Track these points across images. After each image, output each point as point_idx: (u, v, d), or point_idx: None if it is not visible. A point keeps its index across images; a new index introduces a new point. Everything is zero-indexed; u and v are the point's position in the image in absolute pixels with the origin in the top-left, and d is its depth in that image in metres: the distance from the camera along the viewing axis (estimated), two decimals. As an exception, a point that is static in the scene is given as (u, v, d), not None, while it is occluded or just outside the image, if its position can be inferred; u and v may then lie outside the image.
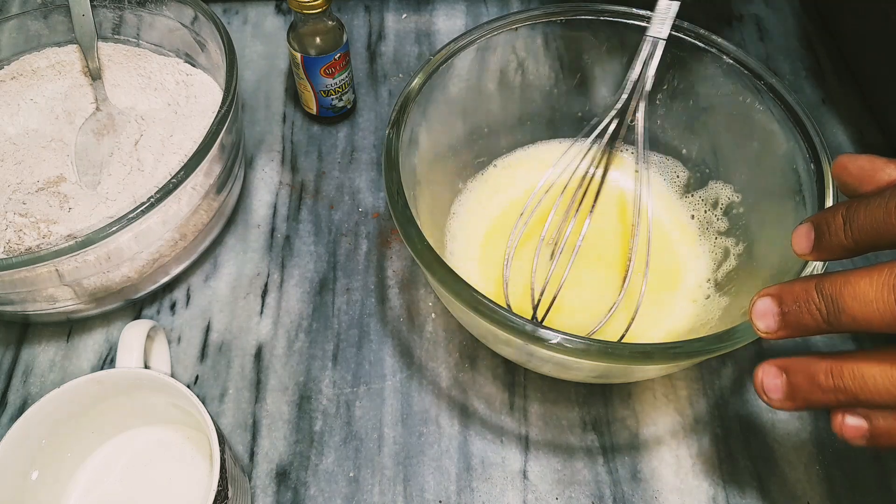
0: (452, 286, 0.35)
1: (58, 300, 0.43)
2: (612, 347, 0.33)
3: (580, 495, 0.41)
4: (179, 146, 0.48)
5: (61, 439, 0.38)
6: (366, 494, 0.41)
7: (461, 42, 0.45)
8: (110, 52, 0.53)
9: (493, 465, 0.42)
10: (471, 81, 0.47)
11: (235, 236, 0.51)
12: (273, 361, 0.46)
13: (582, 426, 0.44)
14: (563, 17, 0.46)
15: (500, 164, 0.51)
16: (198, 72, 0.53)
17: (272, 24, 0.63)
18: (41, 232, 0.44)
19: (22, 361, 0.46)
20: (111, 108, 0.51)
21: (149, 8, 0.52)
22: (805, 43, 0.63)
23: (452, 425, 0.44)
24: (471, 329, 0.42)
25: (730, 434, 0.43)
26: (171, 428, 0.42)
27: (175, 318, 0.48)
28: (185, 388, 0.36)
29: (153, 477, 0.40)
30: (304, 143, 0.56)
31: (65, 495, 0.39)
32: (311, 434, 0.43)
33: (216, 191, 0.46)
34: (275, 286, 0.49)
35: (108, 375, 0.38)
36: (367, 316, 0.48)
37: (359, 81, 0.59)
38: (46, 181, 0.47)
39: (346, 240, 0.51)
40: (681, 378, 0.45)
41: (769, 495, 0.41)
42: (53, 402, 0.36)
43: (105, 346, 0.47)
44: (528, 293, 0.46)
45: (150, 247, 0.43)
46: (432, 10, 0.64)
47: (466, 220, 0.49)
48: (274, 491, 0.42)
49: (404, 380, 0.45)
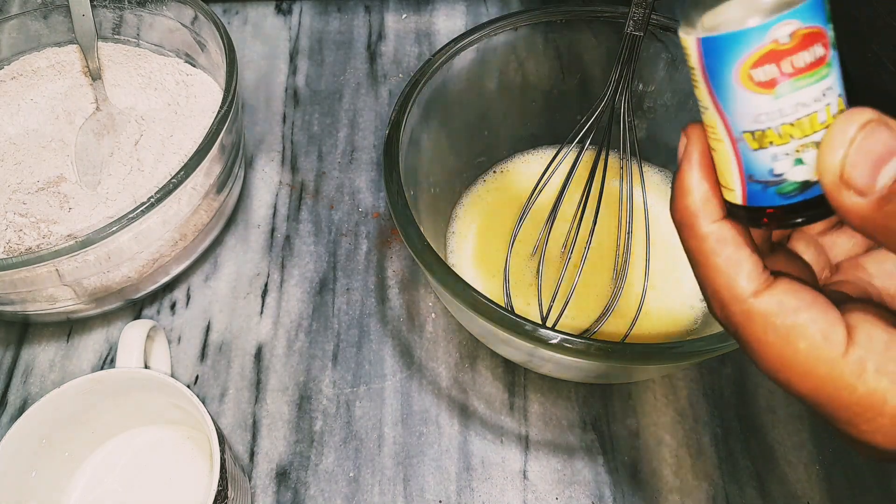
0: (452, 286, 0.35)
1: (58, 300, 0.43)
2: (612, 347, 0.33)
3: (580, 495, 0.41)
4: (179, 146, 0.48)
5: (61, 439, 0.38)
6: (366, 494, 0.41)
7: (461, 42, 0.45)
8: (110, 52, 0.53)
9: (493, 465, 0.42)
10: (471, 81, 0.47)
11: (235, 236, 0.51)
12: (273, 361, 0.46)
13: (582, 426, 0.44)
14: (563, 17, 0.47)
15: (501, 164, 0.51)
16: (198, 72, 0.53)
17: (272, 24, 0.63)
18: (41, 232, 0.44)
19: (22, 361, 0.46)
20: (111, 108, 0.51)
21: (149, 8, 0.52)
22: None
23: (452, 425, 0.44)
24: (471, 329, 0.42)
25: (730, 434, 0.43)
26: (171, 428, 0.42)
27: (175, 318, 0.48)
28: (185, 388, 0.36)
29: (153, 477, 0.40)
30: (304, 143, 0.56)
31: (65, 495, 0.39)
32: (311, 434, 0.43)
33: (216, 191, 0.46)
34: (275, 286, 0.49)
35: (108, 375, 0.38)
36: (367, 316, 0.48)
37: (359, 81, 0.59)
38: (46, 181, 0.47)
39: (346, 240, 0.51)
40: (681, 378, 0.45)
41: (769, 495, 0.41)
42: (53, 402, 0.36)
43: (105, 346, 0.47)
44: (528, 293, 0.46)
45: (150, 247, 0.43)
46: (432, 10, 0.64)
47: (466, 220, 0.49)
48: (274, 491, 0.42)
49: (404, 380, 0.45)
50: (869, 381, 0.20)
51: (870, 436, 0.20)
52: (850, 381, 0.20)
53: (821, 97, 0.19)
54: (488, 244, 0.48)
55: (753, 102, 0.19)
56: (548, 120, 0.51)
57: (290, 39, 0.62)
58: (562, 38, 0.48)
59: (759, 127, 0.19)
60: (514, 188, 0.50)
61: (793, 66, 0.18)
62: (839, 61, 0.19)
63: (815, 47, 0.18)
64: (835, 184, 0.18)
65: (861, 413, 0.20)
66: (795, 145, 0.19)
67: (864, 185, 0.18)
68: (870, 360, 0.20)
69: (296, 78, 0.60)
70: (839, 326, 0.20)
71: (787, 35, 0.18)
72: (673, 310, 0.45)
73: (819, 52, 0.18)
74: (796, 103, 0.19)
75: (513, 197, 0.50)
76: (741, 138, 0.20)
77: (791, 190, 0.20)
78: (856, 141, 0.18)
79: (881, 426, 0.20)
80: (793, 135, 0.19)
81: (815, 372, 0.20)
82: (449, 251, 0.47)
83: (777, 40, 0.18)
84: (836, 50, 0.19)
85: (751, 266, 0.21)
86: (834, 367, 0.20)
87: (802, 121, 0.19)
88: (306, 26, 0.63)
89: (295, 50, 0.61)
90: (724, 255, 0.21)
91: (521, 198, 0.49)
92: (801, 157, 0.19)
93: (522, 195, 0.50)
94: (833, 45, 0.19)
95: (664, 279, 0.46)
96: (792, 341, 0.20)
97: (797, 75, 0.18)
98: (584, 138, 0.46)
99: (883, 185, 0.18)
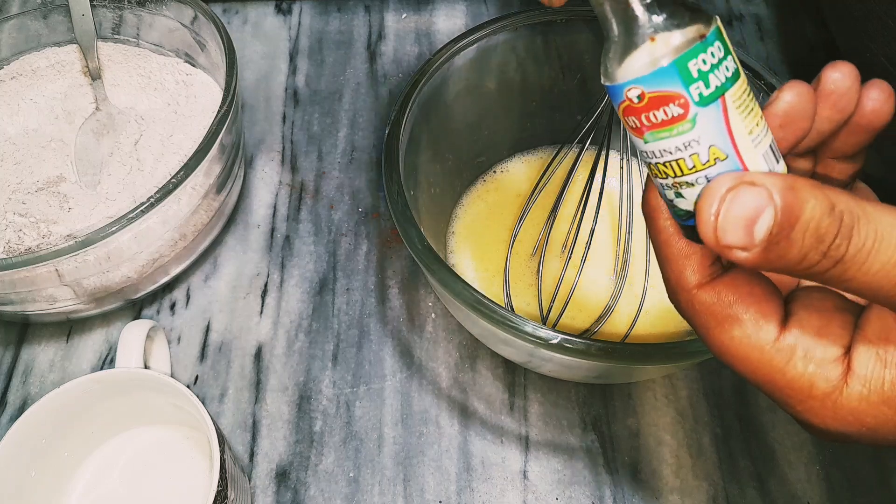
0: (452, 286, 0.35)
1: (58, 300, 0.43)
2: (613, 347, 0.33)
3: (580, 495, 0.41)
4: (179, 146, 0.48)
5: (61, 439, 0.38)
6: (366, 494, 0.41)
7: (461, 42, 0.45)
8: (110, 51, 0.53)
9: (493, 466, 0.42)
10: (471, 81, 0.47)
11: (235, 236, 0.51)
12: (273, 361, 0.46)
13: (582, 426, 0.44)
14: (563, 17, 0.46)
15: (501, 164, 0.51)
16: (198, 72, 0.53)
17: (272, 24, 0.63)
18: (41, 232, 0.44)
19: (22, 361, 0.46)
20: (111, 107, 0.51)
21: (149, 8, 0.52)
22: (805, 43, 0.63)
23: (452, 425, 0.44)
24: (471, 329, 0.42)
25: (730, 434, 0.43)
26: (171, 428, 0.42)
27: (175, 318, 0.48)
28: (185, 388, 0.36)
29: (153, 477, 0.40)
30: (304, 143, 0.56)
31: (65, 495, 0.39)
32: (311, 434, 0.43)
33: (216, 191, 0.46)
34: (275, 286, 0.49)
35: (107, 375, 0.37)
36: (367, 316, 0.48)
37: (359, 81, 0.59)
38: (46, 181, 0.47)
39: (346, 240, 0.51)
40: (681, 378, 0.45)
41: (769, 495, 0.41)
42: (53, 402, 0.36)
43: (105, 346, 0.47)
44: (528, 293, 0.46)
45: (150, 247, 0.43)
46: (432, 10, 0.64)
47: (466, 220, 0.49)
48: (274, 491, 0.42)
49: (404, 380, 0.45)
50: (797, 365, 0.21)
51: (805, 415, 0.22)
52: (779, 366, 0.21)
53: (684, 148, 0.21)
54: (488, 244, 0.48)
55: (636, 141, 0.22)
56: (548, 120, 0.51)
57: (290, 39, 0.62)
58: (562, 38, 0.48)
59: (646, 160, 0.22)
60: (514, 188, 0.50)
61: (648, 120, 0.21)
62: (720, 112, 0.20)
63: (667, 108, 0.20)
64: (717, 247, 0.19)
65: (793, 395, 0.22)
66: (671, 181, 0.21)
67: (744, 244, 0.19)
68: (799, 345, 0.21)
69: (296, 78, 0.60)
70: (773, 315, 0.22)
71: (636, 97, 0.21)
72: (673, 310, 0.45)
73: (674, 111, 0.20)
74: (661, 150, 0.21)
75: (513, 197, 0.50)
76: (642, 162, 0.23)
77: (682, 214, 0.22)
78: (722, 211, 0.19)
79: (811, 407, 0.21)
80: (667, 173, 0.21)
81: (749, 357, 0.22)
82: (449, 251, 0.47)
83: (630, 99, 0.21)
84: (714, 102, 0.20)
85: (697, 261, 0.23)
86: (764, 352, 0.22)
87: (671, 163, 0.21)
88: (306, 26, 0.63)
89: (295, 50, 0.61)
90: (677, 247, 0.23)
91: (521, 198, 0.49)
92: (679, 192, 0.21)
93: (522, 195, 0.50)
94: (700, 102, 0.20)
95: (664, 279, 0.46)
96: (727, 329, 0.22)
97: (654, 129, 0.21)
98: (584, 138, 0.46)
99: (760, 239, 0.19)
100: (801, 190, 0.19)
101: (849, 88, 0.22)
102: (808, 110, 0.22)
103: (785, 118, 0.22)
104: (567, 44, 0.48)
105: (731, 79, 0.20)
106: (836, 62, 0.23)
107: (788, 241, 0.19)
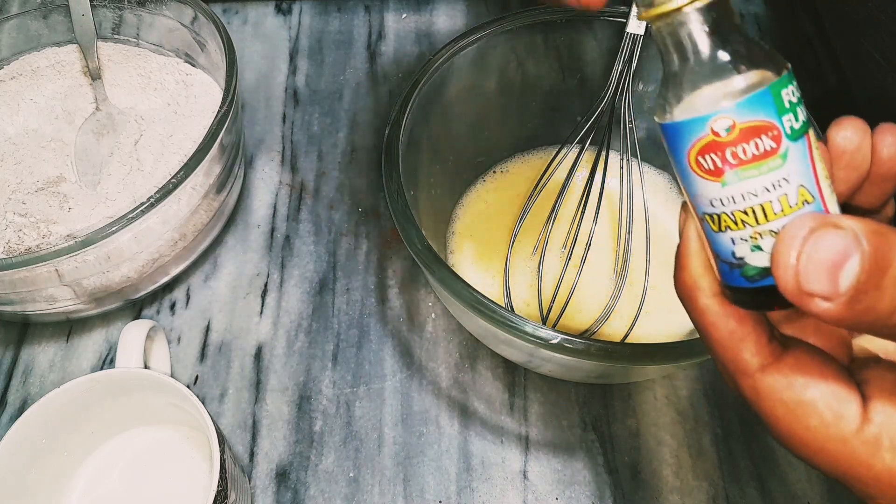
0: (452, 286, 0.35)
1: (58, 300, 0.43)
2: (613, 348, 0.33)
3: (580, 495, 0.41)
4: (179, 146, 0.48)
5: (61, 439, 0.38)
6: (366, 495, 0.41)
7: (461, 42, 0.45)
8: (110, 51, 0.53)
9: (493, 466, 0.42)
10: (471, 81, 0.47)
11: (235, 236, 0.51)
12: (273, 361, 0.46)
13: (582, 426, 0.44)
14: (563, 17, 0.46)
15: (501, 164, 0.51)
16: (198, 72, 0.53)
17: (272, 24, 0.63)
18: (41, 232, 0.44)
19: (22, 361, 0.46)
20: (111, 108, 0.51)
21: (149, 8, 0.52)
22: (805, 43, 0.63)
23: (452, 425, 0.44)
24: (471, 329, 0.42)
25: (730, 434, 0.43)
26: (171, 428, 0.42)
27: (175, 318, 0.48)
28: (185, 388, 0.36)
29: (153, 477, 0.40)
30: (304, 143, 0.56)
31: (64, 495, 0.39)
32: (311, 434, 0.43)
33: (216, 191, 0.46)
34: (275, 286, 0.49)
35: (107, 375, 0.37)
36: (367, 316, 0.48)
37: (359, 81, 0.59)
38: (46, 181, 0.47)
39: (346, 240, 0.51)
40: (681, 378, 0.45)
41: (769, 495, 0.41)
42: (53, 402, 0.36)
43: (105, 346, 0.47)
44: (528, 293, 0.46)
45: (150, 247, 0.43)
46: (432, 10, 0.64)
47: (466, 220, 0.49)
48: (274, 491, 0.42)
49: (404, 380, 0.45)
50: (885, 458, 0.19)
51: None
52: (864, 459, 0.19)
53: (772, 188, 0.19)
54: (488, 244, 0.48)
55: (706, 187, 0.19)
56: (548, 120, 0.51)
57: (290, 39, 0.62)
58: (562, 38, 0.48)
59: (714, 211, 0.20)
60: (514, 188, 0.50)
61: (735, 157, 0.19)
62: (806, 149, 0.19)
63: (759, 140, 0.18)
64: (797, 296, 0.18)
65: (881, 488, 0.19)
66: (750, 232, 0.19)
67: (828, 293, 0.17)
68: (884, 434, 0.19)
69: (296, 78, 0.60)
70: (852, 401, 0.20)
71: (725, 129, 0.18)
72: (673, 310, 0.45)
73: (767, 144, 0.18)
74: (745, 192, 0.19)
75: (513, 197, 0.50)
76: (703, 219, 0.20)
77: (754, 274, 0.19)
78: (804, 254, 0.17)
79: None
80: (746, 222, 0.19)
81: (828, 448, 0.20)
82: (449, 251, 0.47)
83: (717, 132, 0.19)
84: (801, 139, 0.19)
85: (754, 340, 0.21)
86: (846, 444, 0.19)
87: (755, 208, 0.19)
88: (306, 26, 0.63)
89: (295, 50, 0.61)
90: (727, 329, 0.21)
91: (521, 198, 0.49)
92: (758, 244, 0.19)
93: (522, 195, 0.50)
94: (791, 135, 0.19)
95: (664, 279, 0.46)
96: (802, 418, 0.20)
97: (741, 166, 0.19)
98: (584, 138, 0.46)
99: (846, 287, 0.17)
100: (889, 235, 0.17)
101: (860, 143, 0.21)
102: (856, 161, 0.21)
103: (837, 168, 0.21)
104: (567, 44, 0.48)
105: (809, 117, 0.19)
106: (840, 119, 0.21)
107: (878, 290, 0.17)
